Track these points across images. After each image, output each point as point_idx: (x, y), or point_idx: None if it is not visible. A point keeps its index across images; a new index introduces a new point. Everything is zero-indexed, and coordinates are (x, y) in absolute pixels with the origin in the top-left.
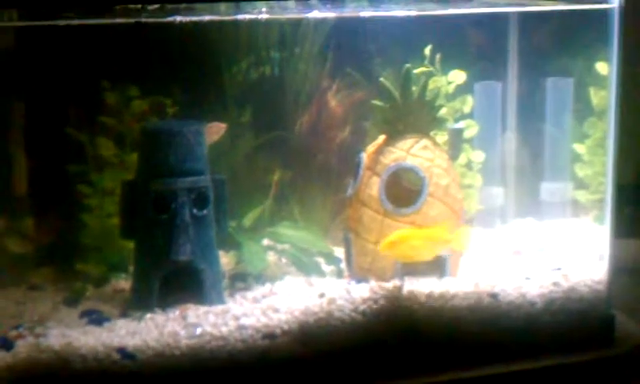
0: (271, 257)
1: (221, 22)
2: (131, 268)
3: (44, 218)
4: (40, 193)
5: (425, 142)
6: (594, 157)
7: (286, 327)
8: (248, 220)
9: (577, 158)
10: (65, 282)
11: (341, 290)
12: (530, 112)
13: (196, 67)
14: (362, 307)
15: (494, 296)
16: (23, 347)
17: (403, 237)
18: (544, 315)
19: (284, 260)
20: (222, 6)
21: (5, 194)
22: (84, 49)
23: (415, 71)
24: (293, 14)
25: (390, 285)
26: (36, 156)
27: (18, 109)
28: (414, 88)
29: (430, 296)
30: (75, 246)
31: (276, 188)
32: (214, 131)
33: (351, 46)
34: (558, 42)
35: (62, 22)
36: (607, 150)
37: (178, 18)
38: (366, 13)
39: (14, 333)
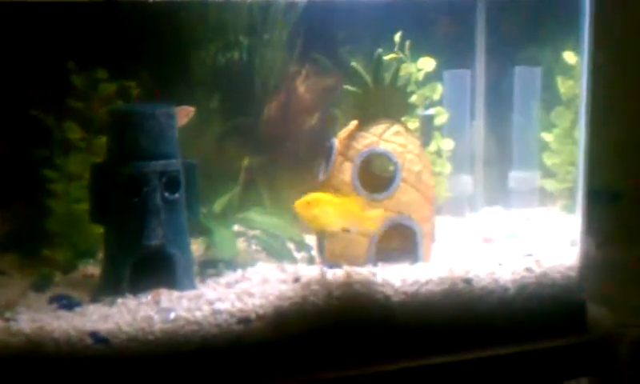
0: (241, 243)
1: (189, 4)
2: (99, 254)
3: (9, 203)
4: (4, 177)
5: (397, 127)
6: (562, 146)
7: (260, 312)
8: (218, 206)
9: (545, 146)
10: (31, 268)
11: (315, 275)
12: (499, 101)
13: (164, 50)
14: (337, 293)
15: (467, 281)
16: None
17: (319, 200)
18: (517, 300)
19: (254, 246)
20: None
21: None
22: (50, 27)
23: (385, 58)
24: None
25: (364, 270)
26: (0, 139)
27: None
28: (385, 74)
29: (404, 281)
30: (41, 232)
31: (245, 174)
32: (183, 114)
33: (320, 31)
34: (526, 30)
35: None
36: (579, 138)
37: None
38: None
39: None
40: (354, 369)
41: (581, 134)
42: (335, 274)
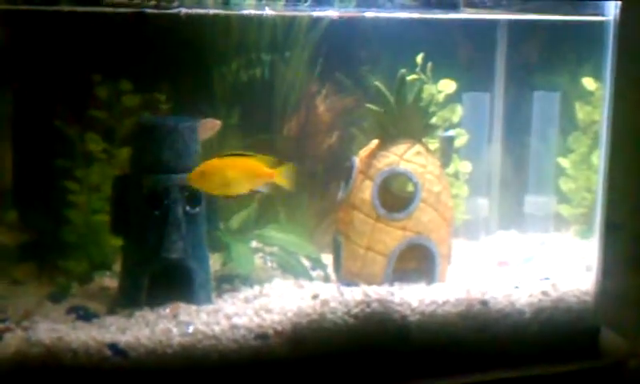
0: (257, 259)
1: (213, 19)
2: (115, 266)
3: (27, 213)
4: (24, 187)
5: (418, 147)
6: (578, 171)
7: (279, 328)
8: (235, 221)
9: (561, 171)
10: (48, 278)
11: (334, 293)
12: (516, 125)
13: (186, 64)
14: (355, 310)
15: (484, 303)
16: (12, 340)
17: (215, 167)
18: (532, 323)
19: (269, 263)
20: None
21: None
22: (76, 38)
23: (407, 78)
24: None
25: (381, 289)
26: (22, 150)
27: (5, 100)
28: (407, 94)
29: (421, 301)
30: (58, 242)
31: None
32: (209, 127)
33: (341, 50)
34: (545, 54)
35: (51, 8)
36: (599, 166)
37: (183, 10)
38: (350, 13)
39: (0, 326)
40: None
41: (601, 162)
42: (353, 293)
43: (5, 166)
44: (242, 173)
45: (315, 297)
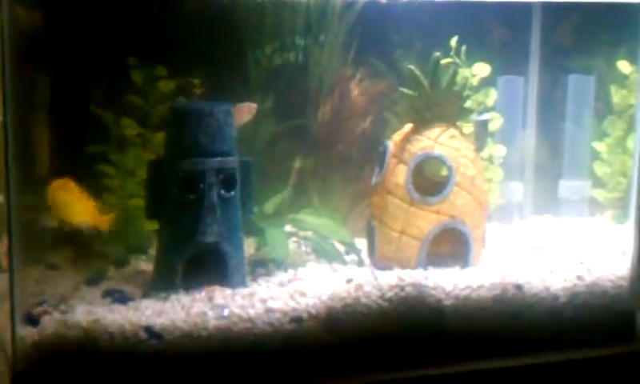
0: (291, 244)
1: (247, 3)
2: (151, 250)
3: None
4: (61, 172)
5: (452, 131)
6: (613, 155)
7: (313, 311)
8: (269, 206)
9: (596, 156)
10: (84, 262)
11: (368, 277)
12: (551, 108)
13: (221, 49)
14: (389, 294)
15: (518, 287)
16: (49, 323)
17: (70, 188)
18: (567, 308)
19: (304, 247)
20: None
21: (26, 172)
22: (111, 22)
23: (441, 62)
24: None
25: (416, 273)
26: (58, 134)
27: (43, 85)
28: (442, 78)
29: (455, 285)
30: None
31: (297, 176)
32: (246, 111)
33: (375, 34)
34: (580, 38)
35: None
36: (634, 149)
37: None
38: None
39: (38, 309)
40: (404, 371)
41: (636, 145)
42: (387, 277)
43: (42, 151)
44: (80, 207)
45: (349, 281)
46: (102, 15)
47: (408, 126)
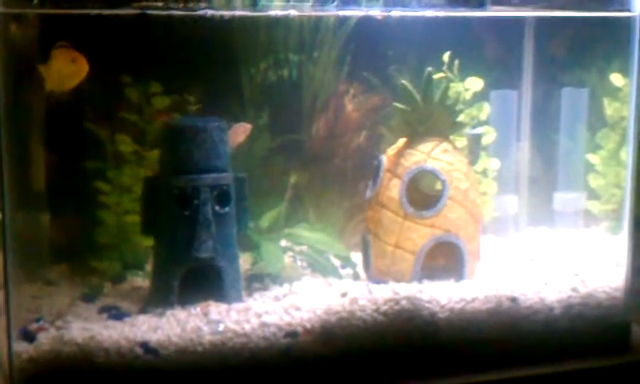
0: (287, 258)
1: (241, 20)
2: (147, 266)
3: (59, 214)
4: (56, 189)
5: (445, 145)
6: (607, 167)
7: (308, 326)
8: (265, 221)
9: (590, 168)
10: (80, 278)
11: (363, 291)
12: (545, 121)
13: (215, 66)
14: (384, 308)
15: (513, 300)
16: (46, 339)
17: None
18: (562, 320)
19: (299, 262)
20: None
21: (23, 188)
22: (105, 40)
23: (434, 76)
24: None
25: (410, 286)
26: (54, 151)
27: (38, 102)
28: (434, 92)
29: (450, 298)
30: (91, 243)
31: (292, 190)
32: (241, 132)
33: (368, 50)
34: (572, 51)
35: (80, 11)
36: (627, 161)
37: (209, 12)
38: (376, 13)
39: (34, 325)
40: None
41: (629, 157)
42: (382, 290)
43: (38, 168)
44: None
45: (344, 295)
46: (95, 34)
47: (402, 141)
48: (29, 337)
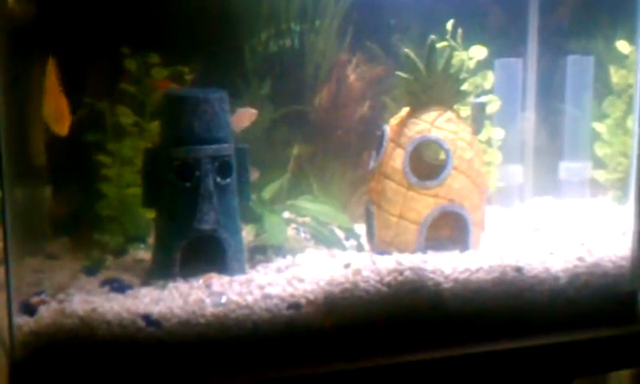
0: (290, 230)
1: None
2: (149, 239)
3: (60, 188)
4: (57, 162)
5: (449, 114)
6: (614, 136)
7: (311, 297)
8: (268, 193)
9: (596, 137)
10: (82, 251)
11: (366, 261)
12: (550, 90)
13: (216, 37)
14: (388, 279)
15: (518, 270)
16: (47, 312)
17: None
18: (568, 289)
19: (303, 234)
20: None
21: (23, 163)
22: (103, 11)
23: (437, 45)
24: None
25: (414, 257)
26: None
27: (37, 75)
28: (437, 61)
29: (454, 269)
30: (92, 216)
31: (295, 162)
32: (246, 117)
33: (371, 19)
34: (578, 19)
35: None
36: (633, 128)
37: None
38: None
39: (35, 298)
40: (404, 355)
41: (635, 124)
42: (385, 261)
43: (39, 142)
44: None
45: (347, 266)
46: (94, 5)
47: (405, 110)
48: (30, 310)
